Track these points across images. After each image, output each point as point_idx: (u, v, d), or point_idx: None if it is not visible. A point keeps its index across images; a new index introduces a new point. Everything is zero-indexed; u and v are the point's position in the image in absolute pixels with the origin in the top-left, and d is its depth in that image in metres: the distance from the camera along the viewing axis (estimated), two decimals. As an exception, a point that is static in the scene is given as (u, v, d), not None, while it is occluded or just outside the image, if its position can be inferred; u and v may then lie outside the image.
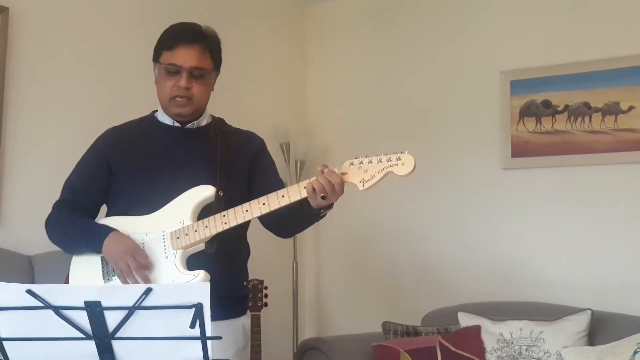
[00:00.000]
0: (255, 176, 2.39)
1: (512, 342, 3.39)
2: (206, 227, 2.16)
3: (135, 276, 2.13)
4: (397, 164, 2.08)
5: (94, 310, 1.56)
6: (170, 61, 2.27)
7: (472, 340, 3.44)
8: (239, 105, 4.35)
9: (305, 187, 2.10)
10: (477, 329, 3.49)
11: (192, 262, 2.17)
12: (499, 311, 3.60)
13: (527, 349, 3.35)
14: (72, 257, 2.30)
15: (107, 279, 2.19)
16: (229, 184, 2.26)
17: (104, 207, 2.41)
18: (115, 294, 1.58)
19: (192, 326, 1.56)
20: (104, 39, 3.65)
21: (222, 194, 2.22)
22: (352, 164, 2.12)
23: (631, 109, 3.72)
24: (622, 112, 3.74)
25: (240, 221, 2.16)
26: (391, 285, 4.41)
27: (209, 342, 1.58)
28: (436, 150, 4.28)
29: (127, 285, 2.06)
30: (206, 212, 2.21)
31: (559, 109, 3.92)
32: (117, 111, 2.49)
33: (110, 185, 2.34)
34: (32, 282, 2.93)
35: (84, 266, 2.25)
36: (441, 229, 4.26)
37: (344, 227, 4.57)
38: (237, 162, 2.35)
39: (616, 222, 3.74)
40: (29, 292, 1.56)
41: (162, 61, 2.30)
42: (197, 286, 1.58)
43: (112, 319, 1.57)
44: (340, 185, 2.09)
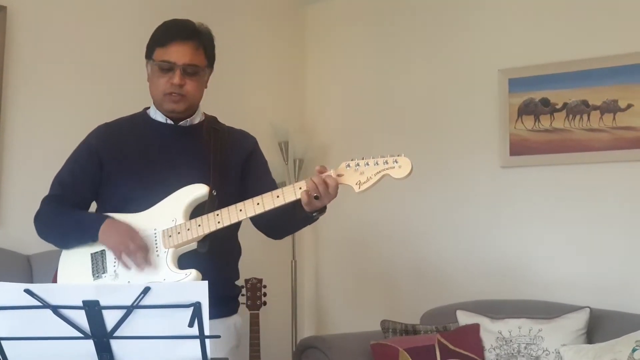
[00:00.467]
0: (248, 175, 2.38)
1: (510, 340, 3.39)
2: (199, 226, 2.15)
3: (135, 257, 2.12)
4: (393, 167, 2.07)
5: (92, 309, 1.55)
6: (163, 58, 2.25)
7: (471, 338, 3.44)
8: (238, 103, 4.35)
9: (300, 188, 2.09)
10: (475, 327, 3.49)
11: (184, 261, 2.16)
12: (498, 309, 3.61)
13: (525, 347, 3.35)
14: (61, 254, 2.27)
15: (97, 276, 2.18)
16: (222, 183, 2.25)
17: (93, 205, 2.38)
18: (113, 293, 1.58)
19: (191, 325, 1.56)
20: (102, 37, 3.65)
21: (215, 193, 2.20)
22: (349, 165, 2.10)
23: (630, 106, 3.72)
24: (620, 110, 3.74)
25: (233, 221, 2.14)
26: (390, 283, 4.41)
27: (207, 341, 1.58)
28: (435, 148, 4.28)
29: (126, 284, 2.05)
30: (199, 211, 2.19)
31: (558, 107, 3.92)
32: (117, 110, 2.48)
33: (100, 182, 2.32)
34: (31, 281, 2.93)
35: (73, 264, 2.23)
36: (440, 228, 4.26)
37: (343, 225, 4.57)
38: (230, 161, 2.34)
39: (615, 220, 3.74)
40: (27, 291, 1.56)
41: (155, 58, 2.27)
42: (196, 285, 1.57)
43: (110, 318, 1.57)
44: (334, 188, 2.08)
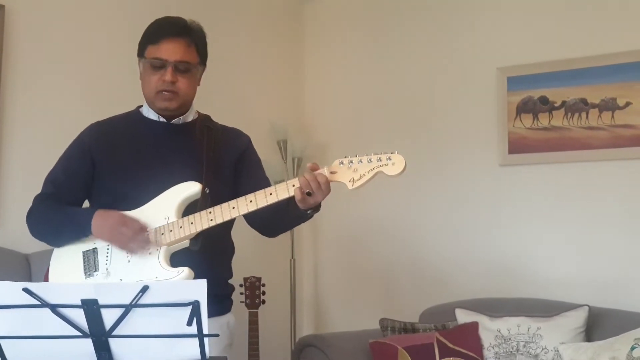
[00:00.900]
0: (241, 174, 2.37)
1: (509, 339, 3.39)
2: (191, 223, 2.14)
3: (136, 242, 2.12)
4: (387, 164, 2.06)
5: (91, 308, 1.56)
6: (155, 55, 2.24)
7: (469, 336, 3.45)
8: (237, 102, 4.35)
9: (294, 185, 2.09)
10: (474, 326, 3.49)
11: (176, 259, 2.15)
12: (497, 308, 3.61)
13: (524, 345, 3.35)
14: (52, 252, 2.27)
15: (89, 275, 2.17)
16: (215, 181, 2.24)
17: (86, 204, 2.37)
18: (112, 292, 1.58)
19: (189, 324, 1.56)
20: (100, 36, 3.65)
21: (208, 191, 2.19)
22: (342, 163, 2.10)
23: (628, 104, 3.73)
24: (619, 108, 3.75)
25: (226, 218, 2.14)
26: (389, 282, 4.41)
27: (205, 340, 1.58)
28: (433, 146, 4.29)
29: (124, 283, 2.05)
30: (191, 209, 2.18)
31: (556, 105, 3.92)
32: (116, 109, 2.48)
33: (93, 180, 2.31)
34: (29, 280, 2.93)
35: (65, 262, 2.23)
36: (439, 226, 4.26)
37: (342, 224, 4.57)
38: (223, 159, 2.33)
39: (613, 218, 3.74)
40: (26, 290, 1.56)
41: (147, 56, 2.27)
42: (194, 284, 1.57)
43: (109, 317, 1.57)
44: (325, 184, 2.08)
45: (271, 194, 2.11)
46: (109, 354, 1.61)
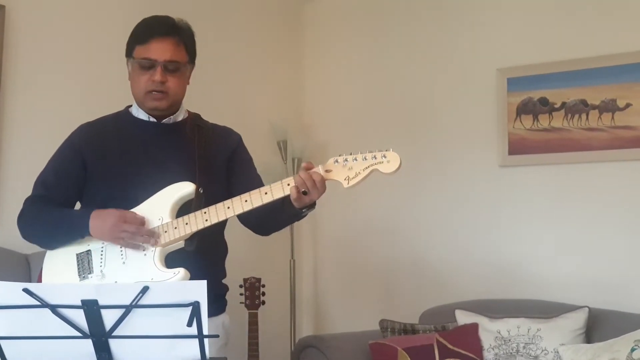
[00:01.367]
0: (233, 172, 2.37)
1: (509, 340, 3.39)
2: (186, 224, 2.13)
3: (142, 235, 2.12)
4: (382, 162, 2.05)
5: (91, 308, 1.56)
6: (144, 55, 2.23)
7: (469, 337, 3.44)
8: (236, 103, 4.35)
9: (288, 184, 2.08)
10: (474, 327, 3.49)
11: (171, 260, 2.15)
12: (497, 309, 3.61)
13: (524, 347, 3.35)
14: (45, 255, 2.25)
15: (83, 277, 2.15)
16: (208, 181, 2.23)
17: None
18: (112, 292, 1.58)
19: (189, 324, 1.56)
20: (100, 36, 3.64)
21: (202, 191, 2.19)
22: (337, 161, 2.09)
23: (628, 106, 3.73)
24: (619, 109, 3.75)
25: (221, 218, 2.13)
26: (389, 283, 4.41)
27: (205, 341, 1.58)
28: (433, 147, 4.29)
29: (124, 283, 2.04)
30: (185, 209, 2.18)
31: (556, 106, 3.92)
32: (117, 109, 2.48)
33: (84, 181, 2.29)
34: (29, 280, 2.92)
35: (58, 264, 2.21)
36: (438, 227, 4.26)
37: (342, 225, 4.57)
38: (215, 158, 2.33)
39: (613, 220, 3.74)
40: (26, 290, 1.56)
41: (135, 56, 2.26)
42: (194, 284, 1.57)
43: (109, 318, 1.57)
44: (321, 182, 2.07)
45: (266, 194, 2.10)
46: (109, 354, 1.61)
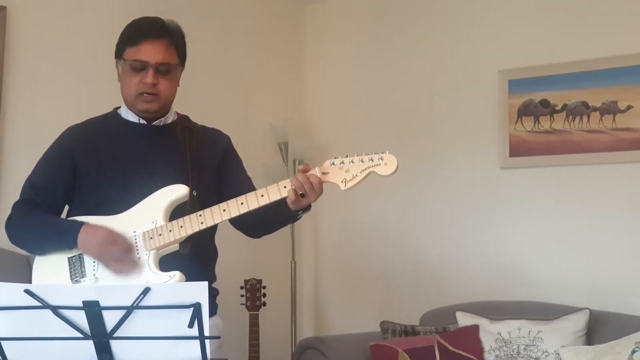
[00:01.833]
0: (224, 174, 2.36)
1: (510, 342, 3.39)
2: (181, 227, 2.12)
3: (124, 263, 2.09)
4: (379, 164, 2.05)
5: (92, 310, 1.56)
6: (135, 57, 2.23)
7: (470, 339, 3.44)
8: (238, 104, 4.35)
9: (285, 187, 2.08)
10: (475, 329, 3.49)
11: (165, 264, 2.13)
12: (497, 311, 3.60)
13: (525, 349, 3.35)
14: (35, 258, 2.22)
15: (76, 281, 2.14)
16: (200, 183, 2.22)
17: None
18: (113, 293, 1.58)
19: (191, 326, 1.56)
20: (101, 37, 3.64)
21: (195, 193, 2.18)
22: (333, 164, 2.09)
23: (629, 108, 3.72)
24: (620, 111, 3.74)
25: (217, 221, 2.12)
26: (389, 284, 4.41)
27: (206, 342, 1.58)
28: (434, 149, 4.29)
29: (125, 284, 2.04)
30: (177, 212, 2.16)
31: (557, 108, 3.91)
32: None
33: (74, 184, 2.27)
34: (30, 282, 2.92)
35: (49, 268, 2.18)
36: (439, 229, 4.25)
37: (342, 226, 4.57)
38: (206, 160, 2.32)
39: (614, 222, 3.74)
40: (27, 291, 1.56)
41: (126, 57, 2.25)
42: (195, 286, 1.58)
43: (110, 319, 1.58)
44: (318, 185, 2.07)
45: (263, 196, 2.10)
46: (110, 355, 1.61)
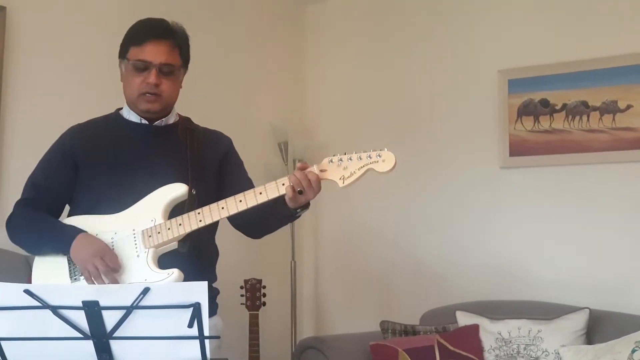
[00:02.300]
0: (225, 175, 2.37)
1: (510, 341, 3.39)
2: (180, 225, 2.13)
3: (103, 279, 2.08)
4: (377, 161, 2.06)
5: (92, 309, 1.56)
6: (139, 57, 2.24)
7: (470, 339, 3.44)
8: (238, 104, 4.35)
9: (283, 184, 2.09)
10: (475, 328, 3.49)
11: (163, 262, 2.14)
12: (497, 310, 3.60)
13: (525, 348, 3.35)
14: (35, 258, 2.24)
15: (75, 279, 2.15)
16: (200, 183, 2.23)
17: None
18: (113, 293, 1.58)
19: (190, 326, 1.56)
20: (102, 38, 3.64)
21: (194, 192, 2.19)
22: (331, 161, 2.10)
23: (629, 107, 3.72)
24: (620, 110, 3.75)
25: (215, 218, 2.13)
26: (389, 284, 4.41)
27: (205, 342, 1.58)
28: (434, 149, 4.29)
29: (126, 284, 2.04)
30: (177, 211, 2.17)
31: (557, 107, 3.92)
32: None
33: (75, 183, 2.28)
34: (30, 282, 2.92)
35: (49, 266, 2.19)
36: (439, 228, 4.25)
37: (342, 226, 4.57)
38: (207, 161, 2.33)
39: (614, 221, 3.74)
40: (27, 292, 1.56)
41: (129, 57, 2.27)
42: (195, 285, 1.58)
43: (110, 319, 1.58)
44: (316, 182, 2.08)
45: (261, 194, 2.10)
46: (110, 355, 1.61)
